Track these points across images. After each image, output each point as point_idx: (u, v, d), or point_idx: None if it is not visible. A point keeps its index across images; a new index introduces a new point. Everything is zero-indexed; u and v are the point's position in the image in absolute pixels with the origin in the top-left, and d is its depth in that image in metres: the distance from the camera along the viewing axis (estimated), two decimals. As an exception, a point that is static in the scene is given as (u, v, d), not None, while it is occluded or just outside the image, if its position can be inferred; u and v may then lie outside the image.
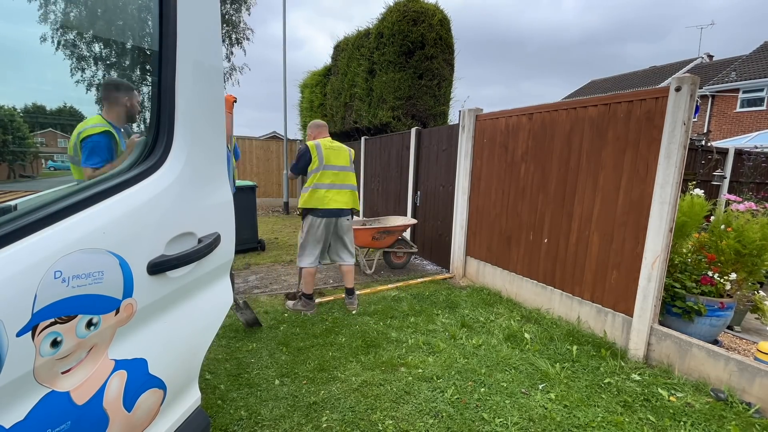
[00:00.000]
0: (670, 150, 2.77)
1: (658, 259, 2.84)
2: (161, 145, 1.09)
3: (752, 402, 2.41)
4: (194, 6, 1.09)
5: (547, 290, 3.82)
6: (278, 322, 3.52)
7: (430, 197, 5.77)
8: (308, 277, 3.71)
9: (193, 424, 1.25)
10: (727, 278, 3.02)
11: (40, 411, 0.84)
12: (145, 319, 1.06)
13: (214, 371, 2.70)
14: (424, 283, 4.79)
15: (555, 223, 3.72)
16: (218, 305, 1.33)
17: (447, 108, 8.27)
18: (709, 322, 2.92)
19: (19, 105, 1.35)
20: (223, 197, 1.28)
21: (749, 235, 3.12)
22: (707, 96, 17.86)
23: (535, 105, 3.94)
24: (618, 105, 3.16)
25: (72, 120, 1.58)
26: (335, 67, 9.98)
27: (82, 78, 1.52)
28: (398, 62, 7.58)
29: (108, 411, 0.97)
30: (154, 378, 1.08)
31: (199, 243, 1.17)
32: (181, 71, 1.08)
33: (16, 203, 1.08)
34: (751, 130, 13.99)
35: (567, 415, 2.31)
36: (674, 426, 2.23)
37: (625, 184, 3.11)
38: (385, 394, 2.49)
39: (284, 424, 2.19)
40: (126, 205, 0.99)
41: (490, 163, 4.52)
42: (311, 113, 11.26)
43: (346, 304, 3.92)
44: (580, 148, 3.47)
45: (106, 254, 0.93)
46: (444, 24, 7.71)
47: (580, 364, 2.88)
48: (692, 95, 2.68)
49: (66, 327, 0.87)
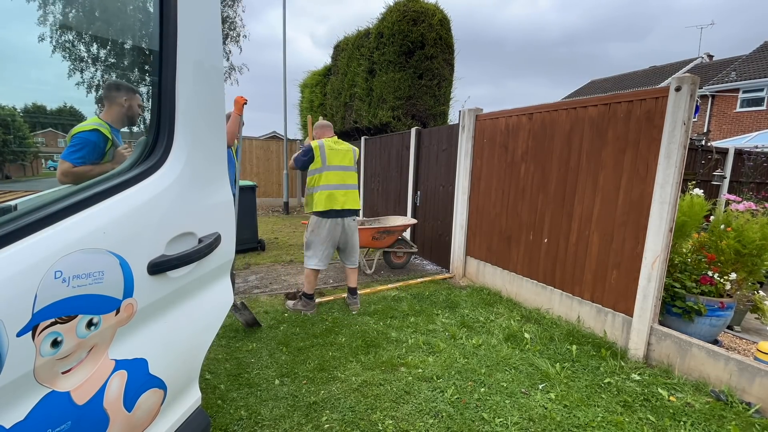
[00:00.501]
0: (670, 150, 2.77)
1: (658, 258, 2.84)
2: (161, 146, 1.09)
3: (752, 402, 2.41)
4: (195, 6, 1.09)
5: (547, 290, 3.83)
6: (278, 322, 3.52)
7: (430, 197, 5.77)
8: (310, 277, 3.72)
9: (194, 424, 1.25)
10: (727, 278, 3.02)
11: (40, 411, 0.84)
12: (146, 319, 1.06)
13: (214, 371, 2.70)
14: (424, 283, 4.79)
15: (555, 222, 3.73)
16: (218, 305, 1.33)
17: (447, 108, 8.27)
18: (709, 322, 2.92)
19: (19, 105, 1.35)
20: (223, 197, 1.28)
21: (749, 234, 3.12)
22: (707, 96, 17.85)
23: (535, 105, 3.94)
24: (618, 105, 3.16)
25: (72, 120, 1.58)
26: (335, 67, 9.98)
27: (82, 79, 1.52)
28: (398, 62, 7.58)
29: (108, 411, 0.97)
30: (154, 378, 1.08)
31: (200, 243, 1.17)
32: (182, 71, 1.08)
33: (16, 203, 1.08)
34: (751, 130, 13.99)
35: (567, 415, 2.31)
36: (674, 426, 2.23)
37: (625, 184, 3.11)
38: (385, 394, 2.49)
39: (284, 424, 2.19)
40: (126, 205, 0.99)
41: (490, 163, 4.52)
42: (311, 113, 11.26)
43: (349, 303, 3.93)
44: (580, 148, 3.47)
45: (107, 254, 0.93)
46: (444, 24, 7.71)
47: (580, 364, 2.88)
48: (692, 95, 2.68)
49: (66, 327, 0.87)
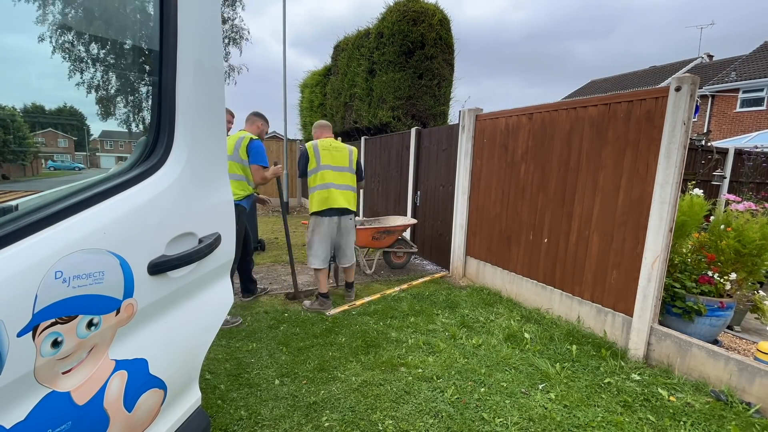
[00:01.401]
0: (670, 150, 2.77)
1: (658, 258, 2.84)
2: (162, 146, 1.09)
3: (752, 402, 2.41)
4: (195, 6, 1.09)
5: (547, 290, 3.83)
6: (278, 322, 3.52)
7: (430, 197, 5.77)
8: (320, 277, 3.82)
9: (194, 424, 1.25)
10: (727, 278, 3.02)
11: (40, 411, 0.84)
12: (146, 320, 1.06)
13: (214, 371, 2.70)
14: (424, 283, 4.79)
15: (555, 222, 3.73)
16: (219, 305, 1.33)
17: (447, 108, 8.26)
18: (709, 321, 2.92)
19: (19, 105, 1.35)
20: (223, 197, 1.28)
21: (749, 234, 3.12)
22: (707, 96, 17.85)
23: (535, 105, 3.94)
24: (618, 105, 3.16)
25: (72, 120, 1.58)
26: (335, 67, 9.98)
27: (81, 79, 1.52)
28: (398, 62, 7.58)
29: (108, 411, 0.97)
30: (154, 378, 1.08)
31: (200, 243, 1.17)
32: (182, 71, 1.08)
33: (17, 203, 1.08)
34: (751, 130, 13.98)
35: (567, 415, 2.31)
36: (674, 426, 2.24)
37: (625, 184, 3.11)
38: (385, 394, 2.49)
39: (284, 424, 2.19)
40: (127, 205, 0.99)
41: (490, 163, 4.52)
42: (311, 113, 11.26)
43: (345, 297, 4.12)
44: (580, 148, 3.47)
45: (107, 254, 0.93)
46: (444, 24, 7.71)
47: (580, 364, 2.88)
48: (692, 95, 2.68)
49: (67, 327, 0.87)
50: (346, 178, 3.76)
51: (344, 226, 3.81)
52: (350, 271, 4.06)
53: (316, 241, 3.72)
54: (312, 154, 3.66)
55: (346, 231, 3.84)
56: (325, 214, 3.68)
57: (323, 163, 3.66)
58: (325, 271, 3.81)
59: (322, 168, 3.65)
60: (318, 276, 3.82)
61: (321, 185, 3.66)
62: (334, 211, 3.69)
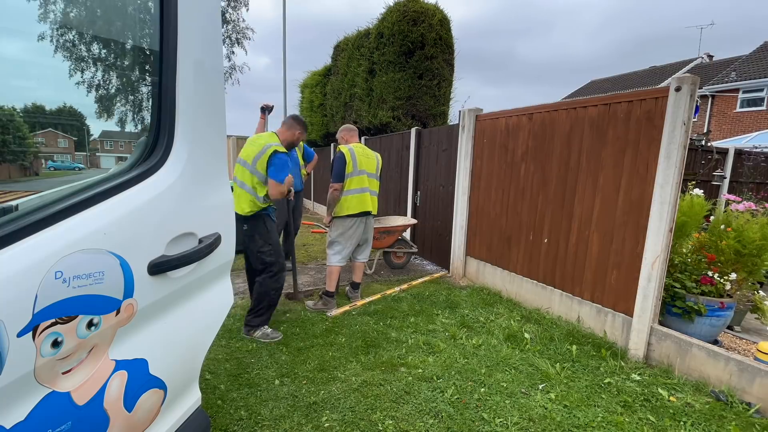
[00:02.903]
0: (670, 150, 2.77)
1: (658, 259, 2.84)
2: (162, 146, 1.09)
3: (752, 402, 2.41)
4: (195, 6, 1.09)
5: (547, 290, 3.82)
6: (278, 323, 3.52)
7: (430, 197, 5.77)
8: (334, 275, 3.86)
9: (194, 424, 1.25)
10: (727, 278, 3.02)
11: (40, 411, 0.84)
12: (146, 320, 1.06)
13: (214, 371, 2.70)
14: (424, 283, 4.79)
15: (555, 223, 3.73)
16: (219, 305, 1.33)
17: (447, 108, 8.26)
18: (709, 322, 2.92)
19: (19, 105, 1.35)
20: (223, 197, 1.28)
21: (749, 235, 3.12)
22: (707, 96, 17.85)
23: (535, 105, 3.94)
24: (618, 105, 3.16)
25: (72, 120, 1.58)
26: (335, 67, 9.98)
27: (82, 79, 1.51)
28: (398, 62, 7.57)
29: (108, 411, 0.97)
30: (154, 378, 1.08)
31: (200, 243, 1.17)
32: (182, 71, 1.08)
33: (17, 203, 1.08)
34: (751, 130, 13.97)
35: (567, 415, 2.31)
36: (674, 426, 2.23)
37: (625, 184, 3.11)
38: (385, 394, 2.49)
39: (284, 424, 2.19)
40: (127, 205, 0.99)
41: (490, 163, 4.52)
42: (311, 113, 11.25)
43: (350, 297, 4.12)
44: (580, 148, 3.47)
45: (107, 255, 0.93)
46: (444, 24, 7.70)
47: (580, 364, 2.88)
48: (692, 95, 2.68)
49: (67, 327, 0.87)
50: (374, 185, 3.92)
51: (369, 224, 3.99)
52: (360, 270, 4.12)
53: (343, 240, 3.81)
54: (349, 159, 3.72)
55: (369, 228, 4.03)
56: (358, 216, 3.79)
57: (360, 168, 3.75)
58: (339, 269, 3.87)
59: (359, 173, 3.75)
60: (332, 274, 3.86)
61: (358, 189, 3.75)
62: (364, 213, 3.84)
